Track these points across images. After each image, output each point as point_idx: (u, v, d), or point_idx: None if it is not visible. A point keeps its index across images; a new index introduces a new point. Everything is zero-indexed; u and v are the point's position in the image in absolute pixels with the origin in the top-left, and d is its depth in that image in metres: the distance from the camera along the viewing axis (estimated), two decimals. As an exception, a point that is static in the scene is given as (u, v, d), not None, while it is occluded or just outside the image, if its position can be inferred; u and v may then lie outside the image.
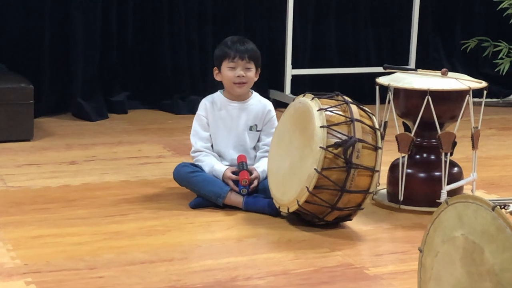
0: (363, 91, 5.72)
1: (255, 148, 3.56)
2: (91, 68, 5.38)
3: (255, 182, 3.37)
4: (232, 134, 3.51)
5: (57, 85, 5.36)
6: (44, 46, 5.27)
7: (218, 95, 3.56)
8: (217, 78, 3.54)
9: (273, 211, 3.25)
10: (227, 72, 3.48)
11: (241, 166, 3.39)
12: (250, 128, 3.53)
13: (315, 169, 2.98)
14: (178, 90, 5.58)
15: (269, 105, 3.58)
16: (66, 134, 4.82)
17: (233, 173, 3.38)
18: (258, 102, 3.56)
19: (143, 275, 2.67)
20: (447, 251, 1.98)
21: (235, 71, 3.46)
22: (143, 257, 2.80)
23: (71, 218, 3.24)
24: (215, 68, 3.54)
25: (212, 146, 3.53)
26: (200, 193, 3.38)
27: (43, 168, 4.02)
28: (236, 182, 3.35)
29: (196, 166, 3.46)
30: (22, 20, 5.24)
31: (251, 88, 3.58)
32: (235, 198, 3.34)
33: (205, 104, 3.55)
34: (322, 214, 3.09)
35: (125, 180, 3.83)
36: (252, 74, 3.49)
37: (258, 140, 3.56)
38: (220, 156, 3.53)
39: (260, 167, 3.42)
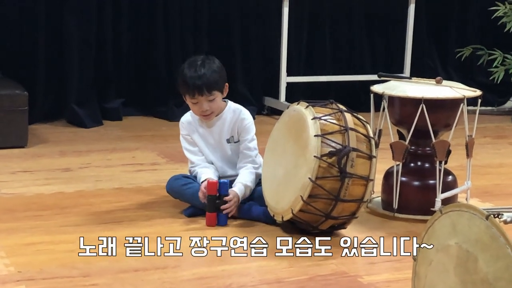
0: (358, 99, 5.72)
1: None
2: (86, 75, 5.37)
3: (232, 203, 3.24)
4: (215, 149, 3.47)
5: (51, 92, 5.36)
6: (39, 52, 5.27)
7: (192, 113, 3.48)
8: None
9: (269, 219, 3.24)
10: (191, 106, 3.39)
11: (209, 205, 3.25)
12: (228, 141, 3.46)
13: (309, 178, 2.97)
14: (173, 97, 5.56)
15: (242, 113, 3.45)
16: (60, 141, 4.81)
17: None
18: (232, 113, 3.45)
19: (137, 283, 2.66)
20: (441, 259, 1.98)
21: (199, 105, 3.35)
22: (137, 264, 2.79)
23: (65, 225, 3.23)
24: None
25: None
26: (194, 204, 3.36)
27: (37, 175, 4.01)
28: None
29: (188, 177, 3.45)
30: (16, 26, 5.23)
31: (225, 98, 3.46)
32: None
33: (182, 123, 3.50)
34: (316, 223, 3.09)
35: (119, 187, 3.82)
36: (217, 103, 3.36)
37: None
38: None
39: (237, 183, 3.32)
